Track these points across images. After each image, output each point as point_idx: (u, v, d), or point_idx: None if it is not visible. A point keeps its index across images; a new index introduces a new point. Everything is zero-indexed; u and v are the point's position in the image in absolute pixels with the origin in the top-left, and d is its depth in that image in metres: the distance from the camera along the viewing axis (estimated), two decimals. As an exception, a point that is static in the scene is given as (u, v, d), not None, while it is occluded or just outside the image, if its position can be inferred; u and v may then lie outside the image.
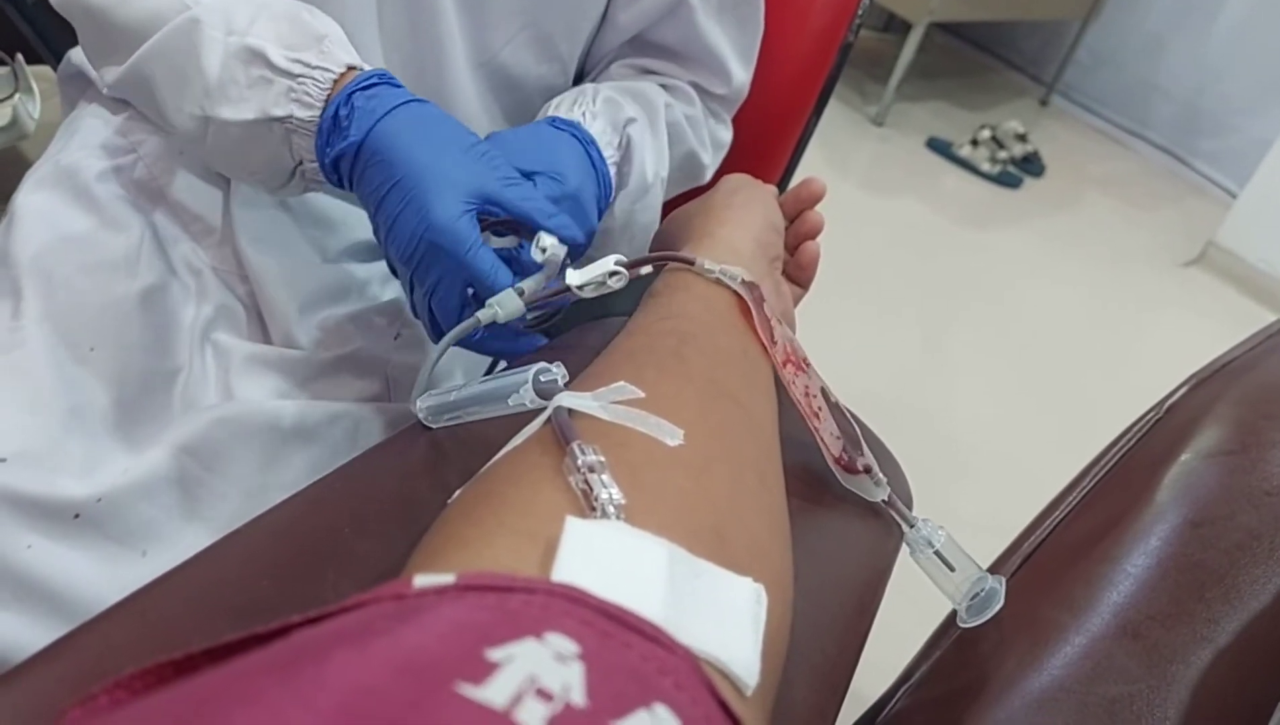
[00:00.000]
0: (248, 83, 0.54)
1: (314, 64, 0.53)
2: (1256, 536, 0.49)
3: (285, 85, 0.53)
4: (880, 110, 2.96)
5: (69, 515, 0.52)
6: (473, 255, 0.51)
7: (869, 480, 0.52)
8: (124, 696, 0.20)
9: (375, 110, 0.52)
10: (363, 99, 0.53)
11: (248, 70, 0.53)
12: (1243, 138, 3.07)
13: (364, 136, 0.52)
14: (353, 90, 0.53)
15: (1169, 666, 0.45)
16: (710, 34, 0.74)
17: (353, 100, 0.53)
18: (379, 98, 0.53)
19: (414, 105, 0.53)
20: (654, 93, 0.73)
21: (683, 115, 0.75)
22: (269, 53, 0.53)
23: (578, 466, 0.33)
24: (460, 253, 0.50)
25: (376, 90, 0.53)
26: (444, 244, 0.50)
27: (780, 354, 0.49)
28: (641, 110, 0.70)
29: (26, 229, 0.61)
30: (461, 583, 0.24)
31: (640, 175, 0.69)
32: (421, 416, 0.53)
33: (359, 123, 0.52)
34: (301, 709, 0.18)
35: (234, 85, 0.54)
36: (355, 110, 0.52)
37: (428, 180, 0.51)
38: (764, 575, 0.32)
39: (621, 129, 0.67)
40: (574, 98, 0.67)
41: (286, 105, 0.53)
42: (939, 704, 0.50)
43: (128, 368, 0.58)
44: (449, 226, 0.50)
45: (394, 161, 0.51)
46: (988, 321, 2.19)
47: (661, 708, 0.20)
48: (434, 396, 0.52)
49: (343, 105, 0.53)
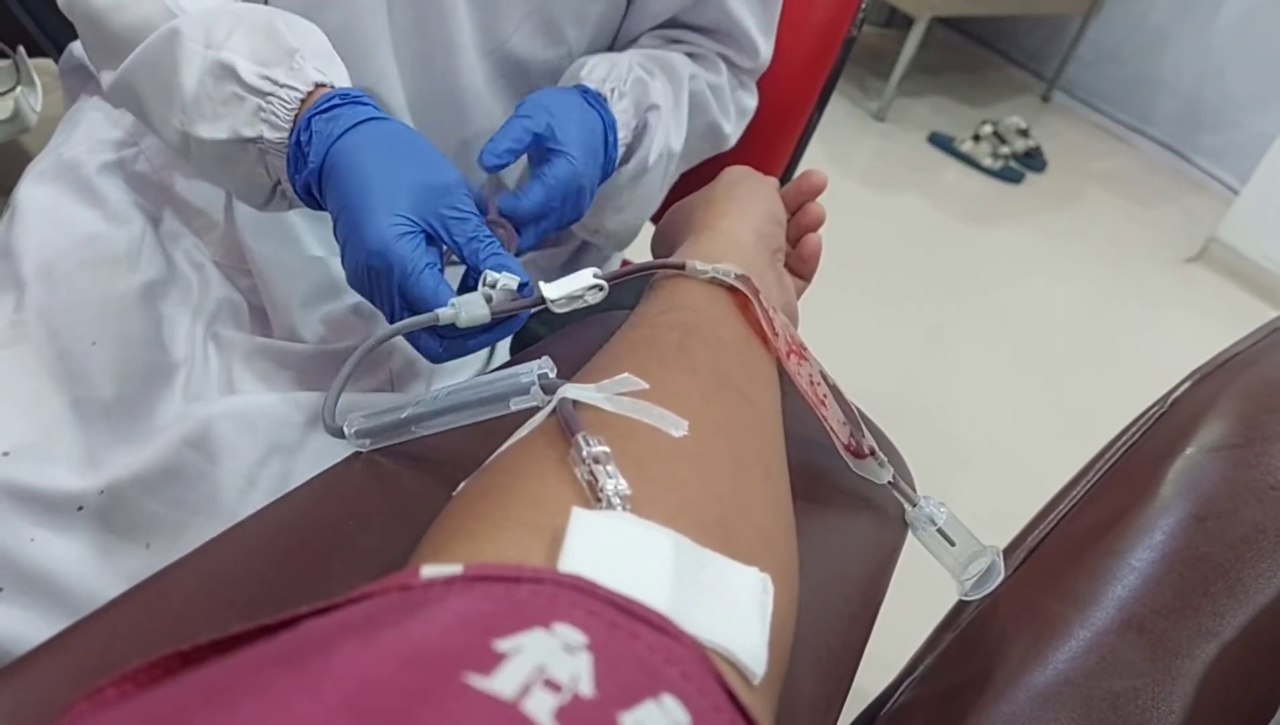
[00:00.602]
0: (221, 100, 0.52)
1: (282, 81, 0.51)
2: (1261, 530, 0.49)
3: (255, 104, 0.51)
4: (882, 105, 2.96)
5: (72, 508, 0.52)
6: (414, 279, 0.48)
7: (875, 463, 0.52)
8: (131, 689, 0.20)
9: (331, 133, 0.50)
10: (320, 122, 0.51)
11: (220, 86, 0.52)
12: (1245, 133, 3.07)
13: (321, 161, 0.50)
14: (313, 114, 0.51)
15: (1173, 660, 0.45)
16: (738, 13, 0.75)
17: (312, 125, 0.51)
18: (337, 120, 0.51)
19: (371, 124, 0.51)
20: (681, 64, 0.73)
21: (707, 85, 0.76)
22: (239, 69, 0.51)
23: (583, 458, 0.33)
24: (397, 274, 0.48)
25: (335, 111, 0.51)
26: (379, 266, 0.48)
27: (783, 344, 0.49)
28: (668, 86, 0.70)
29: (28, 223, 0.61)
30: (469, 573, 0.23)
31: (642, 159, 0.69)
32: (348, 437, 0.50)
33: (316, 147, 0.50)
34: (309, 700, 0.18)
35: (208, 101, 0.52)
36: (314, 135, 0.50)
37: (369, 201, 0.48)
38: (770, 565, 0.32)
39: (642, 113, 0.67)
40: (608, 69, 0.66)
41: (256, 125, 0.51)
42: (942, 698, 0.50)
43: (130, 361, 0.58)
44: (383, 248, 0.47)
45: (344, 184, 0.49)
46: (989, 317, 2.19)
47: (669, 698, 0.20)
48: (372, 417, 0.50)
49: (304, 131, 0.51)
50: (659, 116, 0.69)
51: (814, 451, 0.54)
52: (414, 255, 0.48)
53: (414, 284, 0.48)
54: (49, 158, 0.66)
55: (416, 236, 0.49)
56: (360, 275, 0.50)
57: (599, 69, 0.66)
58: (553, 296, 0.49)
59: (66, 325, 0.57)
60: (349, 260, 0.50)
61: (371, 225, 0.48)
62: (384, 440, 0.51)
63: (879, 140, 2.90)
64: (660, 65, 0.71)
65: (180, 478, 0.55)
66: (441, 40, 0.65)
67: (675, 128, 0.71)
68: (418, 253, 0.48)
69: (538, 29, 0.69)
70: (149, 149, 0.68)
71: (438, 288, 0.48)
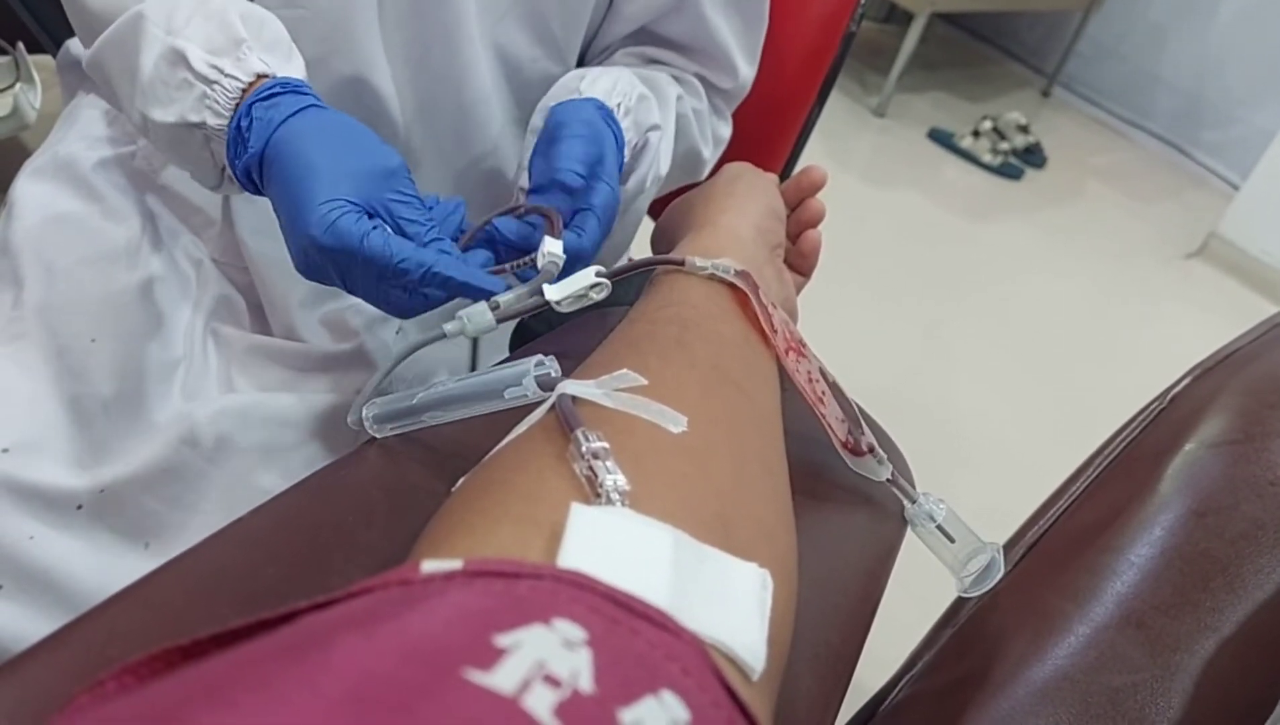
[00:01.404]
0: (174, 85, 0.52)
1: (227, 70, 0.52)
2: (1260, 526, 0.49)
3: (201, 90, 0.52)
4: (882, 101, 2.96)
5: (71, 506, 0.52)
6: (363, 243, 0.47)
7: (873, 460, 0.52)
8: (131, 682, 0.20)
9: (273, 120, 0.50)
10: (261, 109, 0.51)
11: (173, 72, 0.52)
12: (1245, 129, 3.06)
13: (263, 147, 0.50)
14: (254, 101, 0.51)
15: (1173, 656, 0.45)
16: (717, 28, 0.73)
17: (253, 111, 0.51)
18: (278, 107, 0.51)
19: (311, 111, 0.51)
20: (668, 85, 0.72)
21: (690, 109, 0.75)
22: (190, 56, 0.51)
23: (582, 453, 0.33)
24: (344, 248, 0.47)
25: (277, 99, 0.51)
26: (325, 244, 0.47)
27: (781, 342, 0.49)
28: (660, 105, 0.69)
29: (27, 219, 0.61)
30: (468, 569, 0.23)
31: (641, 179, 0.68)
32: (366, 424, 0.51)
33: (258, 133, 0.50)
34: (309, 694, 0.18)
35: (162, 86, 0.53)
36: (255, 121, 0.51)
37: (310, 186, 0.48)
38: (769, 561, 0.32)
39: (644, 132, 0.66)
40: (611, 83, 0.65)
41: (201, 112, 0.52)
42: (942, 694, 0.50)
43: (129, 359, 0.58)
44: (325, 228, 0.47)
45: (285, 170, 0.49)
46: (989, 313, 2.19)
47: (669, 694, 0.20)
48: (385, 403, 0.51)
49: (244, 116, 0.51)
50: (659, 137, 0.68)
51: (813, 447, 0.54)
52: (356, 227, 0.48)
53: (366, 248, 0.47)
54: (46, 155, 0.66)
55: (356, 213, 0.48)
56: (307, 258, 0.50)
57: (601, 82, 0.65)
58: (556, 297, 0.49)
59: (65, 322, 0.57)
60: (294, 245, 0.50)
61: (312, 209, 0.48)
62: (398, 426, 0.51)
63: (878, 136, 2.90)
64: (648, 83, 0.70)
65: (179, 476, 0.55)
66: (441, 28, 0.64)
67: (667, 150, 0.70)
68: (360, 225, 0.48)
69: (521, 21, 0.67)
70: (146, 147, 0.67)
71: (387, 242, 0.48)
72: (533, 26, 0.68)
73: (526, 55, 0.70)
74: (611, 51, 0.76)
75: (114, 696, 0.20)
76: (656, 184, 0.71)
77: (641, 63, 0.76)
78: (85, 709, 0.19)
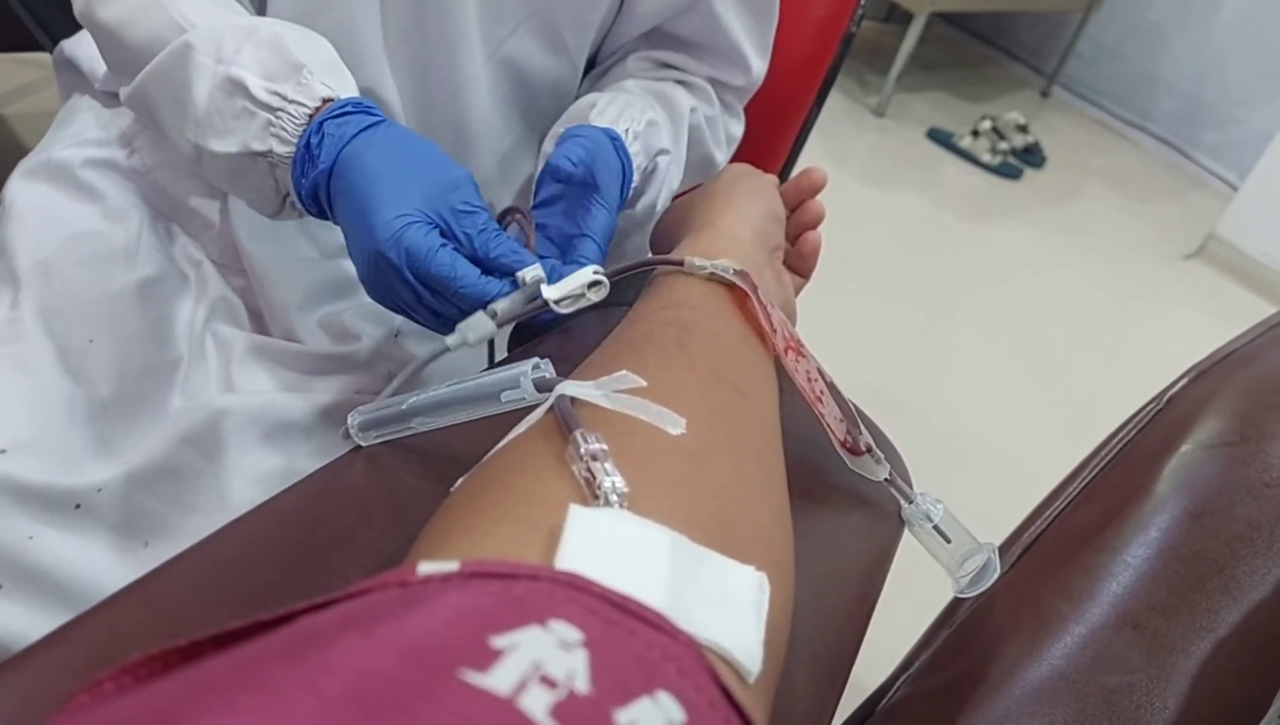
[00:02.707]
0: (232, 114, 0.53)
1: (290, 97, 0.52)
2: (1256, 527, 0.49)
3: (265, 119, 0.52)
4: (881, 101, 2.96)
5: (70, 505, 0.52)
6: (430, 259, 0.48)
7: (871, 459, 0.52)
8: (130, 682, 0.20)
9: (343, 135, 0.51)
10: (333, 126, 0.51)
11: (231, 101, 0.52)
12: (1244, 130, 3.07)
13: (332, 163, 0.51)
14: (324, 119, 0.52)
15: (1168, 657, 0.45)
16: (729, 25, 0.73)
17: (324, 128, 0.51)
18: (349, 123, 0.52)
19: (383, 126, 0.52)
20: (681, 99, 0.72)
21: (703, 118, 0.75)
22: (249, 84, 0.52)
23: (580, 454, 0.33)
24: (410, 261, 0.48)
25: (347, 117, 0.52)
26: (391, 254, 0.48)
27: (780, 341, 0.49)
28: (671, 126, 0.69)
29: (23, 220, 0.61)
30: (466, 570, 0.24)
31: (649, 206, 0.68)
32: (352, 432, 0.52)
33: (328, 149, 0.51)
34: (307, 694, 0.18)
35: (219, 116, 0.53)
36: (325, 137, 0.51)
37: (378, 198, 0.49)
38: (766, 562, 0.32)
39: (652, 156, 0.66)
40: (619, 110, 0.65)
41: (266, 140, 0.52)
42: (939, 693, 0.50)
43: (127, 359, 0.58)
44: (394, 238, 0.48)
45: (354, 184, 0.50)
46: (987, 313, 2.19)
47: (665, 695, 0.21)
48: (371, 410, 0.51)
49: (314, 134, 0.52)
50: (668, 161, 0.68)
51: (811, 449, 0.54)
52: (425, 240, 0.48)
53: (431, 264, 0.48)
54: (41, 155, 0.66)
55: (425, 226, 0.49)
56: (373, 271, 0.50)
57: (610, 110, 0.65)
58: (554, 297, 0.49)
59: (64, 322, 0.57)
60: (360, 257, 0.50)
61: (381, 219, 0.48)
62: (386, 434, 0.51)
63: (878, 136, 2.90)
64: (661, 101, 0.70)
65: (178, 476, 0.55)
66: (443, 43, 0.65)
67: (677, 169, 0.71)
68: (429, 238, 0.49)
69: (536, 32, 0.68)
70: (142, 149, 0.67)
71: (455, 263, 0.49)
72: (546, 37, 0.69)
73: (539, 66, 0.70)
74: (623, 54, 0.76)
75: (113, 696, 0.20)
76: (667, 203, 0.71)
77: (652, 66, 0.76)
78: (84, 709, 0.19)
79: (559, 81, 0.72)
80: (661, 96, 0.71)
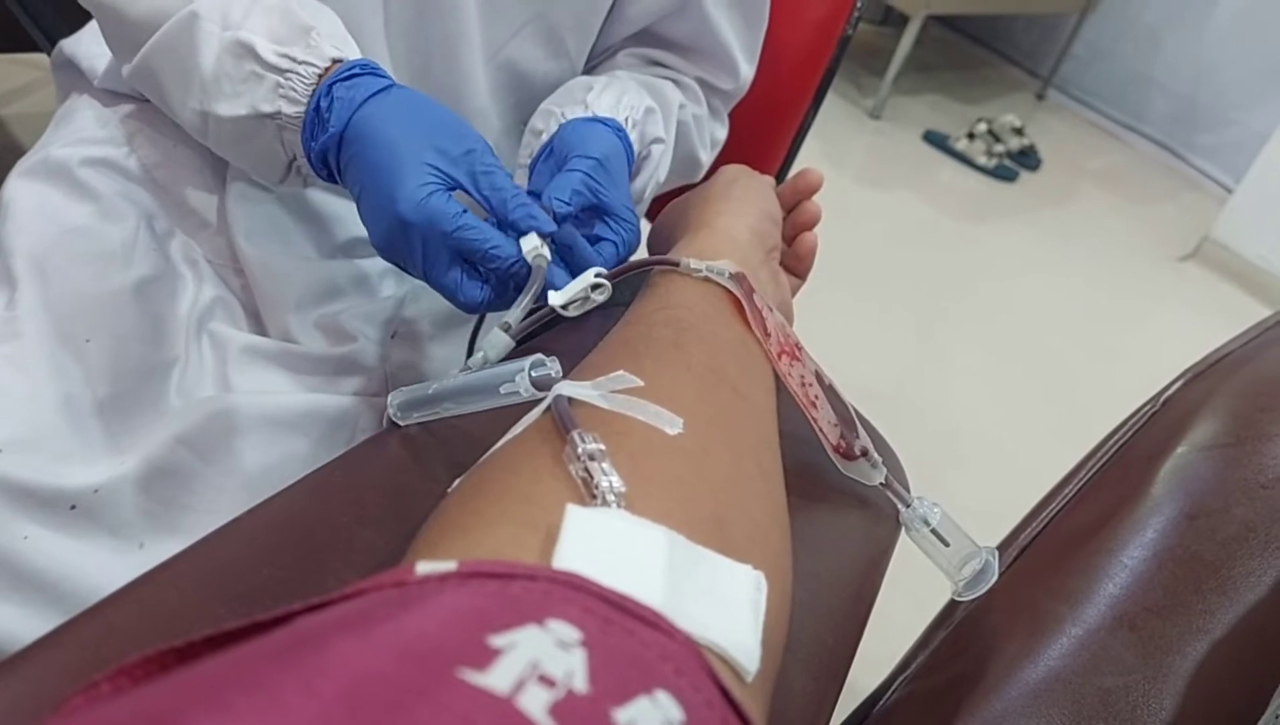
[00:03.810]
0: (240, 78, 0.53)
1: (300, 59, 0.52)
2: (1252, 529, 0.50)
3: (274, 81, 0.53)
4: (877, 103, 2.96)
5: (66, 506, 0.52)
6: (460, 229, 0.49)
7: (866, 464, 0.52)
8: (126, 683, 0.20)
9: (354, 99, 0.51)
10: (343, 89, 0.52)
11: (239, 65, 0.53)
12: (1239, 132, 3.07)
13: (344, 126, 0.51)
14: (333, 81, 0.52)
15: (1165, 658, 0.45)
16: (719, 28, 0.73)
17: (333, 91, 0.52)
18: (359, 86, 0.52)
19: (394, 91, 0.52)
20: (671, 93, 0.72)
21: (691, 116, 0.75)
22: (258, 47, 0.52)
23: (578, 454, 0.33)
24: (438, 228, 0.49)
25: (357, 80, 0.52)
26: (415, 220, 0.49)
27: (775, 346, 0.49)
28: (664, 117, 0.69)
29: (20, 219, 0.61)
30: (463, 570, 0.24)
31: (639, 191, 0.68)
32: (391, 412, 0.53)
33: (338, 113, 0.51)
34: (304, 696, 0.18)
35: (227, 80, 0.53)
36: (335, 101, 0.52)
37: (396, 161, 0.49)
38: (763, 562, 0.32)
39: (647, 145, 0.67)
40: (617, 95, 0.65)
41: (275, 101, 0.53)
42: (936, 694, 0.50)
43: (124, 358, 0.58)
44: (417, 204, 0.48)
45: (368, 148, 0.50)
46: (983, 314, 2.20)
47: (663, 694, 0.21)
48: (407, 392, 0.52)
49: (324, 97, 0.52)
50: (662, 151, 0.68)
51: (809, 449, 0.54)
52: (448, 207, 0.49)
53: (460, 231, 0.49)
54: (39, 154, 0.66)
55: (446, 192, 0.50)
56: (392, 237, 0.51)
57: (608, 95, 0.65)
58: (561, 302, 0.50)
59: (60, 322, 0.57)
60: (378, 223, 0.51)
61: (404, 189, 0.49)
62: (419, 415, 0.52)
63: (874, 138, 2.90)
64: (652, 93, 0.70)
65: (174, 477, 0.55)
66: (442, 42, 0.65)
67: (666, 161, 0.71)
68: (451, 205, 0.49)
69: (537, 36, 0.68)
70: (140, 148, 0.67)
71: (481, 228, 0.49)
72: (547, 40, 0.69)
73: (540, 70, 0.70)
74: (613, 52, 0.76)
75: (109, 698, 0.20)
76: (655, 191, 0.71)
77: (642, 64, 0.76)
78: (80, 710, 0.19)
79: (559, 85, 0.72)
80: (652, 88, 0.71)
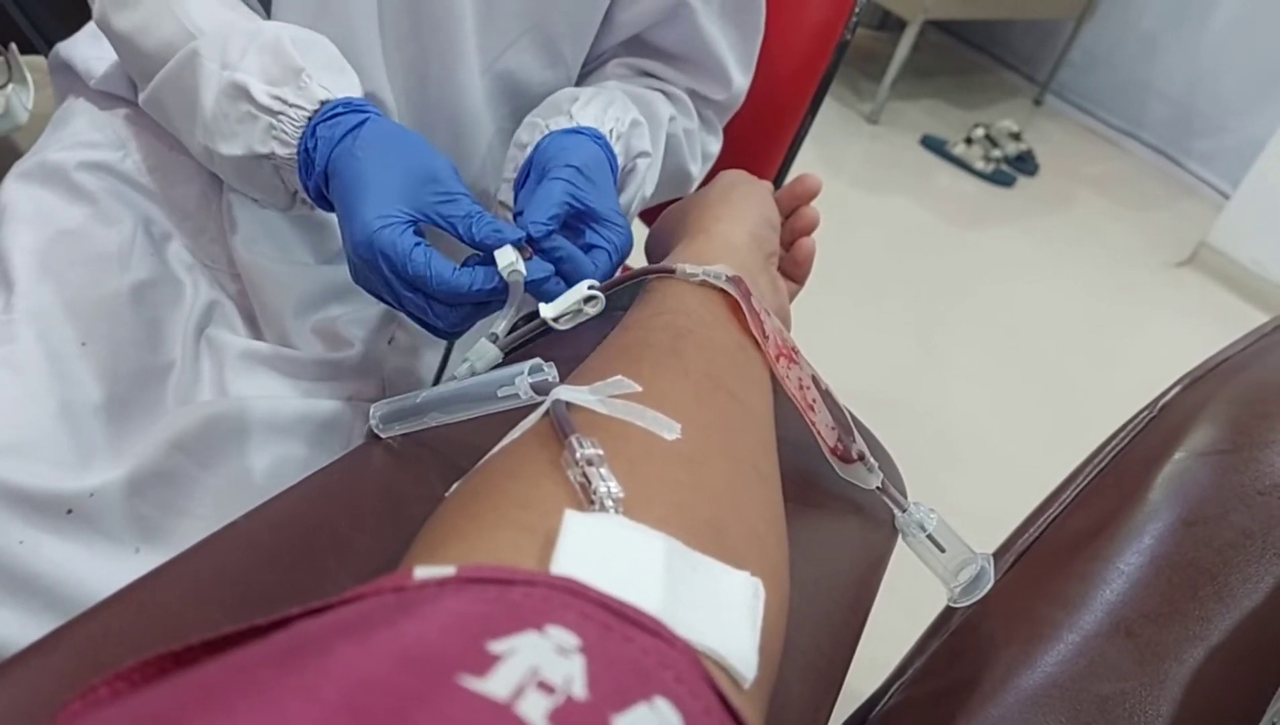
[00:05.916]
0: (237, 118, 0.54)
1: (290, 101, 0.53)
2: (1249, 535, 0.50)
3: (267, 122, 0.54)
4: (875, 108, 2.97)
5: (61, 510, 0.52)
6: (406, 260, 0.49)
7: (863, 468, 0.52)
8: (124, 688, 0.20)
9: (332, 137, 0.52)
10: (325, 129, 0.53)
11: (235, 106, 0.54)
12: (1236, 138, 3.08)
13: (325, 165, 0.52)
14: (317, 122, 0.53)
15: (1162, 664, 0.45)
16: (711, 37, 0.72)
17: (316, 132, 0.53)
18: (337, 125, 0.53)
19: (369, 125, 0.53)
20: (661, 106, 0.72)
21: (681, 129, 0.74)
22: (252, 89, 0.53)
23: (576, 460, 0.33)
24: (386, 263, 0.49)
25: (338, 119, 0.53)
26: (366, 257, 0.49)
27: (773, 348, 0.49)
28: (651, 130, 0.69)
29: (17, 222, 0.61)
30: (462, 575, 0.24)
31: (624, 205, 0.67)
32: (373, 424, 0.52)
33: (321, 152, 0.53)
34: (304, 700, 0.18)
35: (225, 120, 0.55)
36: (319, 141, 0.53)
37: (360, 198, 0.50)
38: (761, 568, 0.32)
39: (632, 158, 0.66)
40: (603, 107, 0.64)
41: (268, 142, 0.54)
42: (932, 700, 0.50)
43: (120, 362, 0.58)
44: (367, 240, 0.49)
45: (341, 185, 0.51)
46: (980, 320, 2.20)
47: (662, 701, 0.21)
48: (391, 403, 0.52)
49: (309, 138, 0.53)
50: (648, 164, 0.68)
51: (806, 455, 0.54)
52: (400, 240, 0.49)
53: (409, 265, 0.49)
54: (35, 157, 0.66)
55: (401, 225, 0.50)
56: (355, 270, 0.52)
57: (593, 106, 0.64)
58: (552, 315, 0.50)
59: (56, 326, 0.57)
60: (349, 256, 0.52)
61: (358, 220, 0.49)
62: (404, 427, 0.52)
63: (871, 143, 2.91)
64: (640, 105, 0.70)
65: (170, 481, 0.55)
66: (439, 54, 0.64)
67: (653, 176, 0.70)
68: (404, 238, 0.49)
69: (534, 46, 0.68)
70: (136, 152, 0.67)
71: (429, 262, 0.49)
72: (544, 50, 0.69)
73: (536, 79, 0.70)
74: (604, 60, 0.76)
75: (107, 702, 0.20)
76: (641, 205, 0.71)
77: (633, 74, 0.75)
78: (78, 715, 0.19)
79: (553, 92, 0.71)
80: (641, 100, 0.71)
